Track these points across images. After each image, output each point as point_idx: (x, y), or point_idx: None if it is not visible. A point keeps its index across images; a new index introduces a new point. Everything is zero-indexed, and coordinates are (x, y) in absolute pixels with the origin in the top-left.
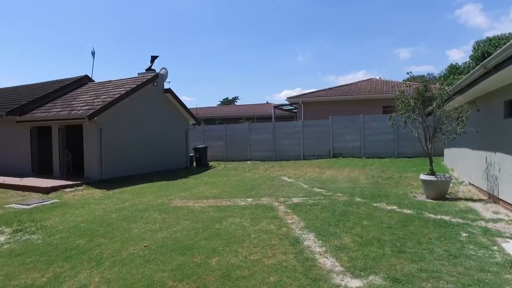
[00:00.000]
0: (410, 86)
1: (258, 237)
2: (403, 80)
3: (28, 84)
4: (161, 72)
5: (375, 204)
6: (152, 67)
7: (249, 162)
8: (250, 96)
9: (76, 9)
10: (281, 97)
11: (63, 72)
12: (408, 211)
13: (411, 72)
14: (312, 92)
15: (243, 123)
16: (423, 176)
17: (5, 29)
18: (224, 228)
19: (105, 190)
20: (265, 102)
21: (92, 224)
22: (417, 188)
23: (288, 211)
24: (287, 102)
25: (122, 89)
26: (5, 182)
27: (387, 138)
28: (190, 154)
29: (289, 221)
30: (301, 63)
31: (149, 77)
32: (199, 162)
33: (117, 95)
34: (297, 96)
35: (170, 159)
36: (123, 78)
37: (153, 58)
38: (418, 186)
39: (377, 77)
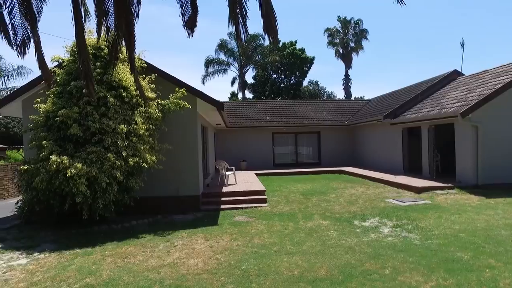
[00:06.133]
0: None
1: None
2: None
3: (397, 90)
4: None
5: None
6: None
7: None
8: None
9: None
10: None
11: (427, 73)
12: None
13: None
14: None
15: None
16: None
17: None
18: None
19: (483, 198)
20: None
21: (474, 237)
22: None
23: None
24: None
25: (504, 77)
26: (383, 178)
27: None
28: None
29: None
30: None
31: None
32: None
33: (498, 85)
34: None
35: None
36: (504, 64)
37: None
38: None
39: None
